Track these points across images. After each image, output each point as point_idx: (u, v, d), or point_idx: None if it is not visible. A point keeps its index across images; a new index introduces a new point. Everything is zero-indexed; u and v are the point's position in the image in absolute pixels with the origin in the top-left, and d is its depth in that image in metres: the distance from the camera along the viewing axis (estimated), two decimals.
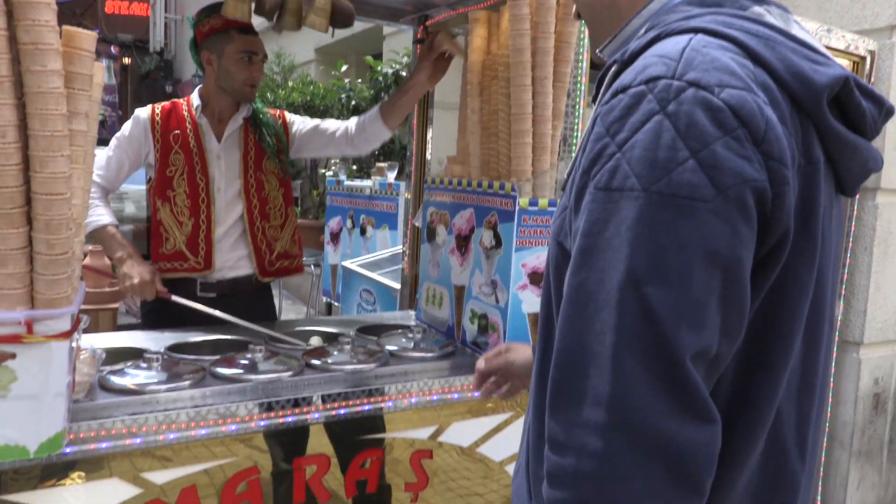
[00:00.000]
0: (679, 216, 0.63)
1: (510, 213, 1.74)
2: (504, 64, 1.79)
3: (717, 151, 0.63)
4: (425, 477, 1.73)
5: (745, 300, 0.66)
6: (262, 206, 2.25)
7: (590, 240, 0.67)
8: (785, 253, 0.68)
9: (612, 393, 0.63)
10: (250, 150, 2.24)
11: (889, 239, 2.80)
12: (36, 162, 1.08)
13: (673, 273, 0.63)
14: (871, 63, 2.62)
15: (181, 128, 2.19)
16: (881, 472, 2.97)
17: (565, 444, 0.66)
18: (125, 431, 1.36)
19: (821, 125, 0.70)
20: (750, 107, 0.64)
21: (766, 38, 0.70)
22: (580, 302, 0.67)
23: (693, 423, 0.63)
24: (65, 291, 1.15)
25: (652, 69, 0.67)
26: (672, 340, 0.62)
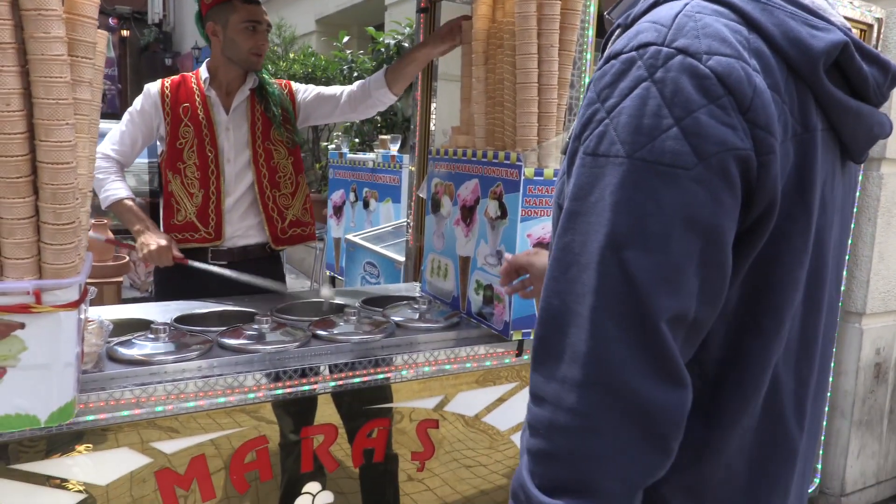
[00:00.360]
0: (661, 183, 0.64)
1: (515, 183, 1.73)
2: (510, 32, 1.76)
3: (700, 119, 0.64)
4: (431, 446, 1.74)
5: (726, 267, 0.67)
6: (272, 175, 2.26)
7: (576, 203, 0.69)
8: (773, 220, 0.68)
9: (588, 351, 0.65)
10: (258, 121, 2.25)
11: (893, 209, 2.79)
12: (41, 130, 1.07)
13: (652, 238, 0.64)
14: (879, 30, 2.59)
15: (190, 101, 2.20)
16: (881, 441, 3.00)
17: (544, 397, 0.69)
18: (134, 401, 1.37)
19: (818, 91, 0.70)
20: (737, 74, 0.65)
21: (764, 3, 0.70)
22: (565, 263, 0.69)
23: (663, 385, 0.65)
24: (72, 261, 1.15)
25: (643, 35, 0.68)
26: (648, 303, 0.64)
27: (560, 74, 1.74)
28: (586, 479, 0.65)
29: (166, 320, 1.69)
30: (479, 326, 1.88)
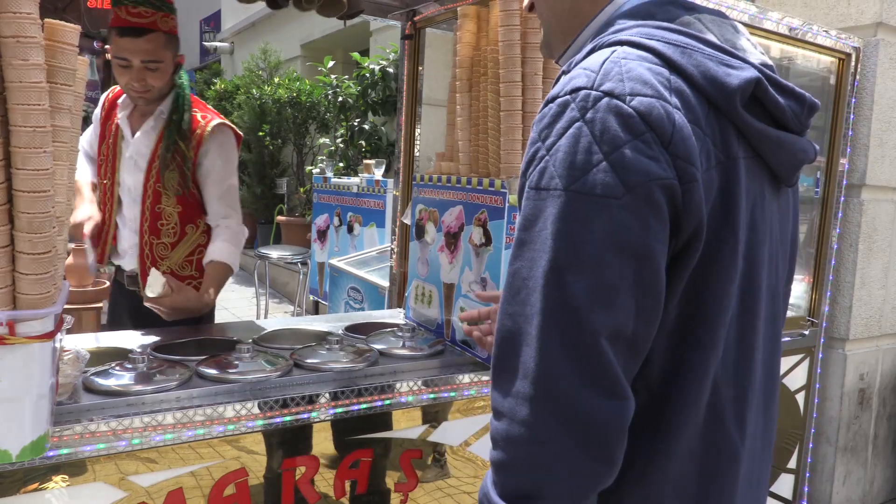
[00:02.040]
0: (594, 212, 0.71)
1: (500, 210, 1.73)
2: (493, 60, 1.77)
3: (625, 154, 0.71)
4: (415, 476, 1.71)
5: (659, 285, 0.74)
6: (154, 221, 2.09)
7: (524, 233, 0.76)
8: (702, 241, 0.75)
9: (536, 367, 0.72)
10: (157, 157, 2.07)
11: (874, 235, 2.83)
12: (18, 158, 1.05)
13: (588, 262, 0.71)
14: (857, 60, 2.64)
15: (113, 120, 2.13)
16: (866, 468, 3.00)
17: (501, 411, 0.75)
18: (110, 434, 1.33)
19: (738, 123, 0.78)
20: (658, 112, 0.72)
21: (684, 47, 0.77)
22: (515, 287, 0.76)
23: (604, 398, 0.71)
24: (48, 291, 1.12)
25: (576, 80, 0.75)
26: (587, 321, 0.70)
27: None
28: (539, 487, 0.72)
29: (145, 349, 1.66)
30: (463, 354, 1.86)
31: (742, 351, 0.83)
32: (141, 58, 1.93)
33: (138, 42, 1.92)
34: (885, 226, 2.85)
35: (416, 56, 2.50)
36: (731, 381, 0.82)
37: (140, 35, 1.91)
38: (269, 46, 8.34)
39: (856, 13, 2.75)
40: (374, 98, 6.06)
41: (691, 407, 0.79)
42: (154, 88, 2.00)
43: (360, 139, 6.28)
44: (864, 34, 2.71)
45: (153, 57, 1.95)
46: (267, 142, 7.67)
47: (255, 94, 7.54)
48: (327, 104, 7.01)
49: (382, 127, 6.43)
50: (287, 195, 7.72)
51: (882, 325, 2.93)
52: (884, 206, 2.84)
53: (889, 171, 2.83)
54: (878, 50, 2.69)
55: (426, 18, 2.40)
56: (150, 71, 1.96)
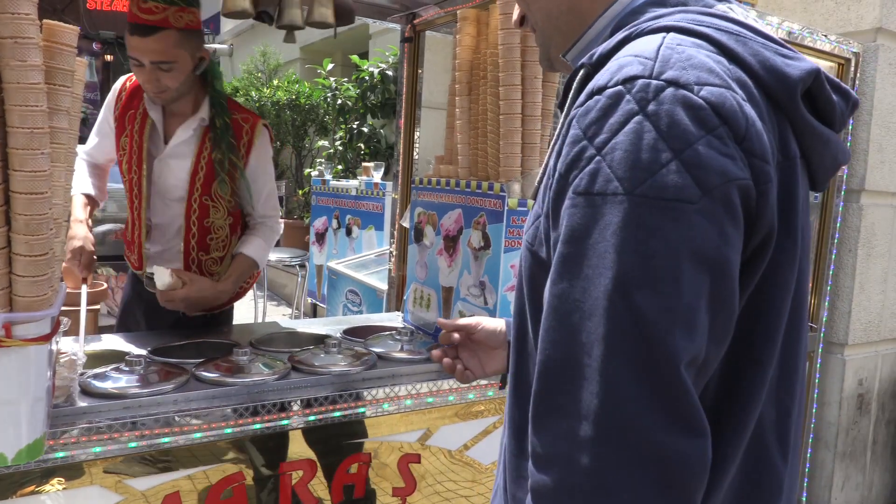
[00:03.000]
0: (666, 219, 0.61)
1: (499, 213, 1.72)
2: (493, 63, 1.77)
3: (700, 151, 0.62)
4: (413, 481, 1.71)
5: (734, 302, 0.65)
6: (203, 237, 2.00)
7: (572, 247, 0.65)
8: (770, 251, 0.67)
9: (601, 405, 0.61)
10: (201, 168, 1.96)
11: (872, 240, 2.83)
12: (15, 160, 1.04)
13: (663, 278, 0.61)
14: (856, 65, 2.64)
15: (138, 109, 1.96)
16: (865, 473, 2.99)
17: (550, 460, 0.64)
18: (106, 437, 1.32)
19: (795, 119, 0.70)
20: (730, 104, 0.63)
21: (737, 35, 0.69)
22: (564, 311, 0.65)
23: (686, 436, 0.61)
24: (44, 293, 1.12)
25: (628, 69, 0.65)
26: (666, 347, 0.60)
27: (543, 105, 1.75)
28: None
29: (142, 352, 1.65)
30: None
31: (785, 369, 0.75)
32: (150, 58, 1.79)
33: (147, 41, 1.78)
34: (884, 231, 2.85)
35: (416, 59, 2.50)
36: (774, 403, 0.74)
37: (148, 34, 1.77)
38: (269, 49, 8.35)
39: (855, 18, 2.76)
40: (373, 101, 6.06)
41: (746, 431, 0.70)
42: (170, 89, 1.86)
43: (358, 142, 6.28)
44: (864, 39, 2.71)
45: (163, 57, 1.80)
46: None
47: (253, 96, 7.54)
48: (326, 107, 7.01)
49: (381, 130, 6.43)
50: (286, 197, 7.72)
51: (881, 330, 2.93)
52: (883, 211, 2.84)
53: (888, 176, 2.84)
54: (878, 55, 2.70)
55: (426, 21, 2.40)
56: (162, 71, 1.82)
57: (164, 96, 1.87)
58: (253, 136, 2.01)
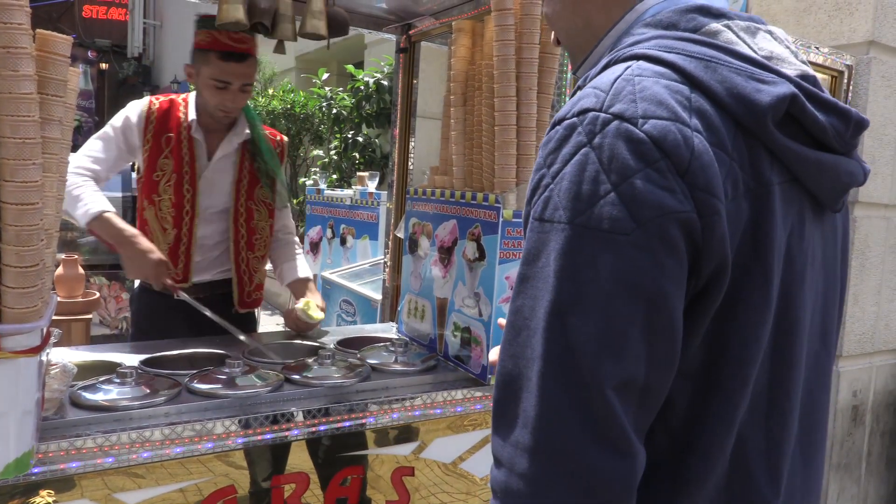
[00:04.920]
0: (600, 249, 0.64)
1: (494, 224, 1.72)
2: (488, 74, 1.77)
3: (636, 184, 0.64)
4: (406, 494, 1.69)
5: (673, 330, 0.66)
6: (250, 237, 2.19)
7: (526, 268, 0.70)
8: (726, 280, 0.68)
9: (536, 417, 0.66)
10: (244, 177, 2.17)
11: (867, 252, 2.83)
12: (6, 170, 1.03)
13: (594, 304, 0.64)
14: (849, 78, 2.66)
15: (175, 132, 2.08)
16: (860, 484, 2.99)
17: (501, 461, 0.69)
18: (97, 450, 1.31)
19: (771, 145, 0.70)
20: (674, 137, 0.65)
21: (708, 60, 0.70)
22: (517, 326, 0.69)
23: (610, 454, 0.64)
24: (35, 305, 1.10)
25: (584, 101, 0.69)
26: (591, 370, 0.64)
27: (538, 117, 1.75)
28: None
29: (134, 363, 1.64)
30: (456, 370, 1.84)
31: (774, 398, 0.75)
32: (242, 81, 2.02)
33: (241, 66, 2.00)
34: (877, 242, 2.86)
35: (411, 69, 2.50)
36: (762, 431, 0.75)
37: (243, 60, 2.01)
38: (264, 58, 8.36)
39: (848, 31, 2.77)
40: (368, 110, 6.07)
41: (716, 457, 0.72)
42: (240, 108, 2.10)
43: (353, 151, 6.28)
44: (857, 52, 2.73)
45: (250, 80, 2.06)
46: None
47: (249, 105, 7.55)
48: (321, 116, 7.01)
49: (376, 139, 6.43)
50: None
51: (875, 341, 2.93)
52: (877, 223, 2.85)
53: (882, 187, 2.85)
54: (871, 68, 2.71)
55: (421, 32, 2.40)
56: (243, 93, 2.05)
57: (234, 114, 2.10)
58: (283, 147, 2.31)
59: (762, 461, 0.75)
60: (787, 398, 0.76)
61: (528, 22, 1.69)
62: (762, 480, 0.75)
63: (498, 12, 1.68)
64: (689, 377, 0.71)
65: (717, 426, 0.71)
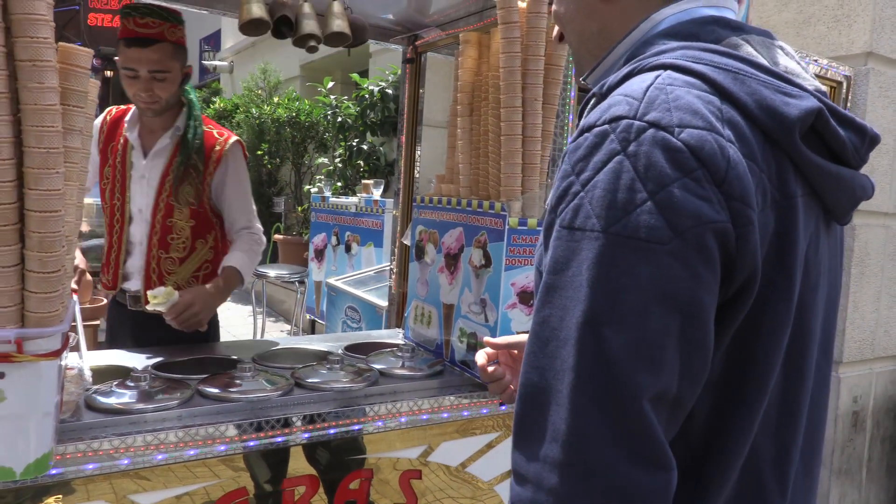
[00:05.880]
0: (636, 258, 0.63)
1: (500, 232, 1.75)
2: (494, 85, 1.81)
3: (674, 193, 0.63)
4: (414, 497, 1.72)
5: (707, 342, 0.66)
6: (164, 234, 2.12)
7: (554, 277, 0.68)
8: (755, 290, 0.68)
9: (568, 431, 0.64)
10: (171, 171, 2.10)
11: (866, 259, 2.86)
12: (31, 179, 1.07)
13: (630, 315, 0.63)
14: (848, 88, 2.69)
15: (118, 139, 2.14)
16: (861, 490, 3.01)
17: (525, 477, 0.67)
18: (112, 452, 1.34)
19: (796, 158, 0.70)
20: (710, 147, 0.64)
21: (736, 72, 0.70)
22: (543, 337, 0.68)
23: (645, 469, 0.63)
24: (56, 309, 1.14)
25: (616, 108, 0.68)
26: (627, 382, 0.62)
27: (544, 127, 1.78)
28: None
29: (145, 367, 1.67)
30: (462, 374, 1.87)
31: (786, 407, 0.75)
32: (148, 68, 1.96)
33: (146, 52, 1.94)
34: (876, 250, 2.89)
35: (417, 79, 2.54)
36: (772, 439, 0.75)
37: (147, 45, 1.94)
38: (269, 66, 8.42)
39: (846, 42, 2.81)
40: (372, 119, 6.11)
41: (732, 467, 0.72)
42: (162, 99, 2.01)
43: (358, 159, 6.32)
44: (855, 63, 2.77)
45: (160, 67, 1.97)
46: (265, 161, 7.72)
47: (254, 112, 7.59)
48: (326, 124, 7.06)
49: (381, 147, 6.48)
50: (284, 214, 7.75)
51: (875, 348, 2.96)
52: (875, 231, 2.88)
53: (880, 196, 2.88)
54: (869, 78, 2.75)
55: (427, 43, 2.44)
56: (157, 81, 1.98)
57: (156, 107, 2.02)
58: (224, 148, 2.15)
59: (772, 469, 0.75)
60: (797, 407, 0.77)
61: (533, 34, 1.73)
62: (772, 488, 0.75)
63: (504, 25, 1.72)
64: (711, 388, 0.70)
65: (737, 436, 0.71)
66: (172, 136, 2.10)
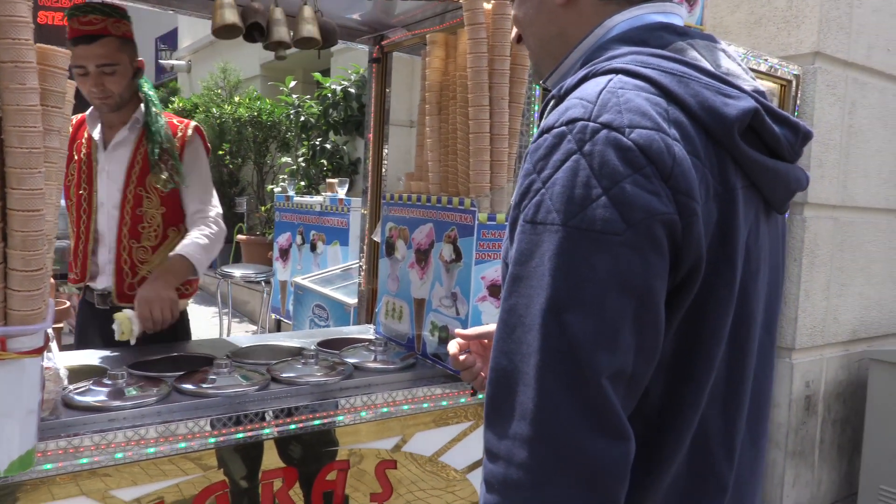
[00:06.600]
0: (594, 249, 0.69)
1: (470, 227, 1.80)
2: (462, 85, 1.86)
3: (625, 188, 0.69)
4: (390, 487, 1.76)
5: (659, 324, 0.72)
6: (134, 224, 2.14)
7: (519, 268, 0.74)
8: (700, 276, 0.74)
9: (535, 409, 0.69)
10: (137, 163, 2.14)
11: (816, 250, 3.00)
12: (13, 178, 1.08)
13: (589, 301, 0.69)
14: (797, 86, 2.82)
15: (80, 138, 2.19)
16: (814, 471, 3.15)
17: (497, 454, 0.72)
18: (93, 448, 1.35)
19: (736, 154, 0.76)
20: (658, 145, 0.70)
21: (681, 76, 0.76)
22: (511, 324, 0.74)
23: (607, 440, 0.69)
24: (38, 308, 1.15)
25: (572, 111, 0.74)
26: (588, 362, 0.68)
27: (511, 125, 1.84)
28: None
29: (120, 366, 1.68)
30: (434, 367, 1.92)
31: (731, 383, 0.82)
32: (96, 62, 2.00)
33: (92, 47, 1.99)
34: (826, 241, 3.03)
35: (384, 78, 2.58)
36: (719, 412, 0.81)
37: (93, 41, 1.99)
38: (229, 65, 8.33)
39: (795, 42, 2.94)
40: (335, 118, 6.11)
41: (684, 438, 0.78)
42: (114, 94, 2.06)
43: (321, 158, 6.31)
44: (804, 62, 2.90)
45: (107, 60, 2.01)
46: (227, 160, 7.64)
47: (214, 112, 7.51)
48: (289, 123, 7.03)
49: (344, 146, 6.48)
50: (247, 214, 7.68)
51: (825, 334, 3.10)
52: (825, 223, 3.02)
53: (829, 189, 3.02)
54: (817, 77, 2.88)
55: (393, 43, 2.48)
56: (106, 75, 2.02)
57: (109, 101, 2.07)
58: (186, 133, 2.20)
59: (720, 441, 0.82)
60: (742, 383, 0.83)
61: (499, 35, 1.79)
62: (720, 457, 0.82)
63: (471, 26, 1.78)
64: (663, 367, 0.76)
65: (687, 411, 0.78)
66: (132, 128, 2.14)
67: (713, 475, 0.82)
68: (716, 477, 0.82)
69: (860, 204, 3.18)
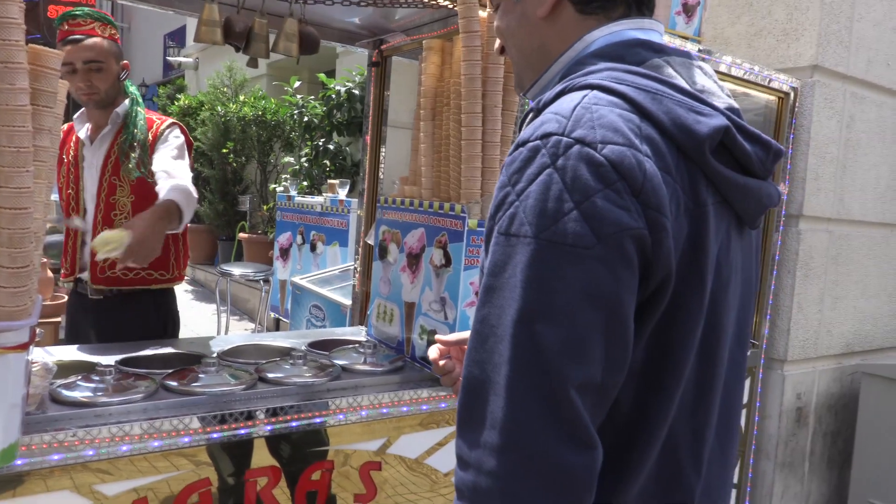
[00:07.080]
0: (565, 261, 0.70)
1: (460, 233, 1.82)
2: (456, 91, 1.88)
3: (596, 203, 0.70)
4: (374, 488, 1.78)
5: (627, 336, 0.73)
6: (108, 212, 2.23)
7: (492, 279, 0.75)
8: (670, 289, 0.75)
9: (505, 418, 0.71)
10: (113, 153, 2.24)
11: (810, 263, 3.00)
12: (1, 177, 1.10)
13: (559, 312, 0.70)
14: (795, 99, 2.83)
15: (69, 140, 2.30)
16: (803, 483, 3.15)
17: (468, 462, 0.74)
18: (77, 444, 1.37)
19: (707, 170, 0.78)
20: (629, 161, 0.72)
21: (654, 93, 0.77)
22: (483, 334, 0.75)
23: (574, 448, 0.70)
24: (24, 304, 1.17)
25: (547, 126, 0.75)
26: (557, 372, 0.70)
27: (503, 132, 1.86)
28: None
29: (110, 362, 1.69)
30: (422, 370, 1.94)
31: (700, 393, 0.83)
32: (84, 58, 2.12)
33: (79, 47, 2.12)
34: (820, 254, 3.03)
35: (382, 82, 2.60)
36: (688, 422, 0.83)
37: (81, 41, 2.13)
38: (235, 64, 8.37)
39: (794, 55, 2.95)
40: (339, 119, 6.14)
41: (654, 447, 0.80)
42: (100, 90, 2.17)
43: (324, 159, 6.34)
44: (802, 75, 2.90)
45: (94, 57, 2.14)
46: (230, 159, 7.67)
47: (219, 111, 7.55)
48: (293, 123, 7.06)
49: (347, 147, 6.51)
50: (249, 212, 7.72)
51: (818, 347, 3.10)
52: (819, 236, 3.02)
53: (824, 202, 3.02)
54: (815, 90, 2.89)
55: (392, 47, 2.50)
56: (94, 72, 2.14)
57: (95, 98, 2.18)
58: (162, 125, 2.29)
59: (688, 450, 0.83)
60: (711, 393, 0.85)
61: (493, 43, 1.80)
62: (688, 467, 0.83)
63: (466, 34, 1.79)
64: (633, 377, 0.77)
65: (656, 419, 0.79)
66: (113, 122, 2.24)
67: (681, 484, 0.83)
68: (684, 486, 0.83)
69: (856, 217, 3.18)
